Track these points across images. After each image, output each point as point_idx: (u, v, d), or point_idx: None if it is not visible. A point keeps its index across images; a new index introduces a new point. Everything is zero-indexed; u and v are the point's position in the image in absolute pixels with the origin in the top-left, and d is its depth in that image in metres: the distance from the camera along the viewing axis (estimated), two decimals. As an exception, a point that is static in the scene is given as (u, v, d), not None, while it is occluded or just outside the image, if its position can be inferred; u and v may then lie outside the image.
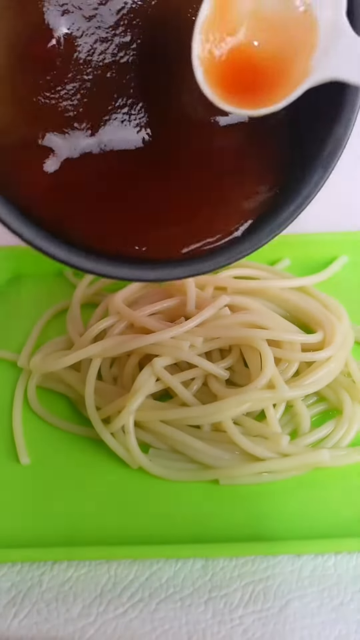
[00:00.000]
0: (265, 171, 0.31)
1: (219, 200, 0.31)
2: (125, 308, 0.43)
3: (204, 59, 0.27)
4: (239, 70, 0.27)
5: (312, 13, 0.26)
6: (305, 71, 0.26)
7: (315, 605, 0.32)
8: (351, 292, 0.49)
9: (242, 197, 0.31)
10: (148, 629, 0.32)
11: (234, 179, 0.31)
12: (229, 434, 0.37)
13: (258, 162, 0.31)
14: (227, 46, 0.27)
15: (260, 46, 0.27)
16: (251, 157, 0.31)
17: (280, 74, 0.27)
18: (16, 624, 0.32)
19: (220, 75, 0.27)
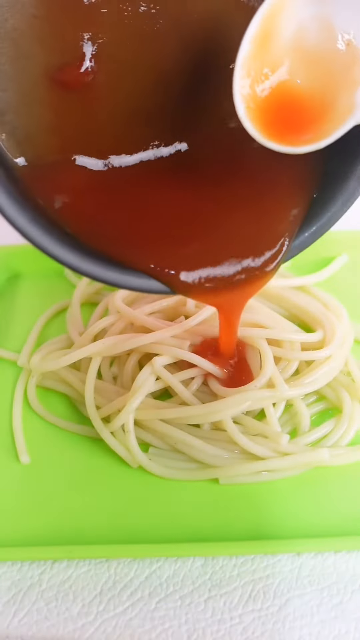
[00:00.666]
0: (298, 187, 0.31)
1: (257, 221, 0.30)
2: (125, 307, 0.43)
3: (246, 95, 0.26)
4: (281, 106, 0.27)
5: (356, 47, 0.26)
6: (349, 108, 0.25)
7: (314, 604, 0.32)
8: (351, 291, 0.49)
9: (277, 215, 0.30)
10: (148, 628, 0.32)
11: (269, 196, 0.31)
12: (229, 432, 0.37)
13: (290, 178, 0.31)
14: (269, 82, 0.26)
15: (302, 83, 0.27)
16: (283, 174, 0.31)
17: (323, 111, 0.26)
18: (16, 623, 0.32)
19: (262, 111, 0.27)
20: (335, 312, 0.45)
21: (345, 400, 0.40)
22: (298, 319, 0.46)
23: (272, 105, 0.27)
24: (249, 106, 0.26)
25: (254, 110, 0.26)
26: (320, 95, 0.26)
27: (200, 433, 0.39)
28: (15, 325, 0.49)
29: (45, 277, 0.53)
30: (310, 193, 0.31)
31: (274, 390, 0.38)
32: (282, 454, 0.37)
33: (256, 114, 0.27)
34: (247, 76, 0.26)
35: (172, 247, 0.29)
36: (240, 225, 0.30)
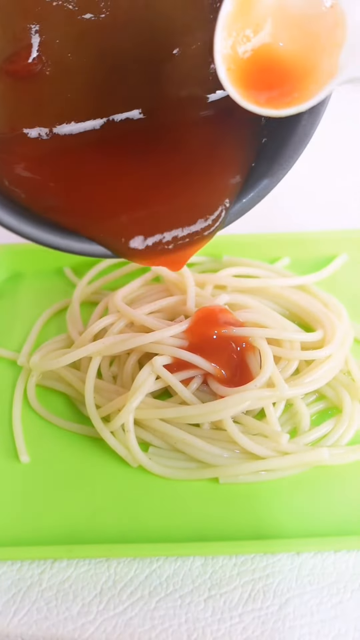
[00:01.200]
0: (240, 150, 0.32)
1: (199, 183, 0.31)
2: (125, 306, 0.43)
3: (227, 56, 0.26)
4: (263, 69, 0.27)
5: (340, 8, 0.25)
6: (331, 71, 0.25)
7: (314, 603, 0.32)
8: (351, 290, 0.49)
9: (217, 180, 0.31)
10: (148, 627, 0.32)
11: (212, 164, 0.32)
12: (229, 432, 0.37)
13: (232, 148, 0.32)
14: (251, 45, 0.26)
15: (285, 45, 0.26)
16: (226, 143, 0.32)
17: (305, 73, 0.26)
18: (16, 622, 0.32)
19: (243, 73, 0.26)
20: (335, 311, 0.45)
21: (345, 400, 0.40)
22: (298, 318, 0.46)
23: (254, 68, 0.27)
24: (230, 67, 0.26)
25: (234, 72, 0.26)
26: (302, 58, 0.26)
27: (200, 432, 0.39)
28: (15, 325, 0.49)
29: (45, 277, 0.52)
30: (249, 162, 0.32)
31: (274, 390, 0.37)
32: (282, 453, 0.37)
33: (237, 75, 0.26)
34: (229, 37, 0.26)
35: (117, 213, 0.30)
36: (182, 192, 0.31)
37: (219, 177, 0.31)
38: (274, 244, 0.53)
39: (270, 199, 0.53)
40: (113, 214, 0.30)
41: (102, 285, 0.50)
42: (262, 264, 0.50)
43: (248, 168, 0.31)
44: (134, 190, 0.31)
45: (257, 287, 0.46)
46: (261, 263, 0.50)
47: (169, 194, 0.31)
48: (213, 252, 0.52)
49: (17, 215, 0.29)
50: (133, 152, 0.32)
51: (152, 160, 0.32)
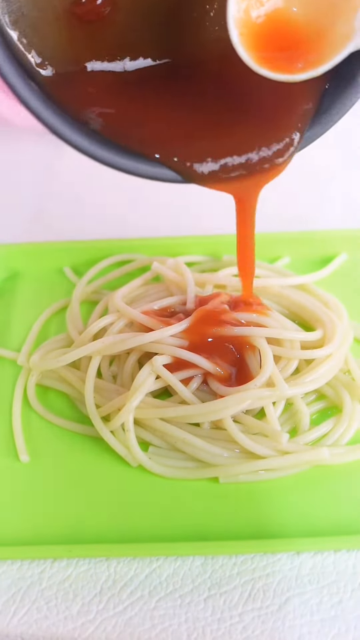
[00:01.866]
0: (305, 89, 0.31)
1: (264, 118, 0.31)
2: (124, 306, 0.43)
3: (240, 20, 0.25)
4: (276, 34, 0.26)
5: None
6: (348, 34, 0.25)
7: (314, 602, 0.32)
8: (351, 289, 0.49)
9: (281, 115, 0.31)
10: (148, 627, 0.32)
11: (281, 92, 0.31)
12: (229, 431, 0.37)
13: None
14: (264, 9, 0.26)
15: (298, 10, 0.26)
16: None
17: (319, 38, 0.26)
18: (16, 622, 0.32)
19: (256, 37, 0.26)
20: (335, 310, 0.45)
21: (345, 399, 0.40)
22: (298, 318, 0.46)
23: (267, 33, 0.26)
24: (243, 32, 0.26)
25: (247, 36, 0.26)
26: (316, 22, 0.26)
27: (200, 432, 0.39)
28: (14, 324, 0.49)
29: (44, 276, 0.52)
30: (321, 86, 0.31)
31: (273, 389, 0.37)
32: (282, 452, 0.37)
33: (250, 40, 0.26)
34: (242, 0, 0.26)
35: (189, 140, 0.31)
36: (254, 120, 0.31)
37: (289, 103, 0.31)
38: (274, 243, 0.53)
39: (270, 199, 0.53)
40: (182, 137, 0.31)
41: (102, 285, 0.50)
42: (262, 263, 0.50)
43: (320, 92, 0.31)
44: (202, 119, 0.31)
45: (257, 286, 0.46)
46: (261, 262, 0.50)
47: (238, 122, 0.31)
48: (213, 252, 0.52)
49: (91, 140, 0.30)
50: (199, 90, 0.32)
51: (219, 96, 0.32)
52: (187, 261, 0.50)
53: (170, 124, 0.31)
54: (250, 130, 0.31)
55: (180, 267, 0.47)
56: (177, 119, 0.32)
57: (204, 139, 0.31)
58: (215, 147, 0.31)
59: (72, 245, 0.53)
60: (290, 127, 0.31)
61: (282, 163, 0.31)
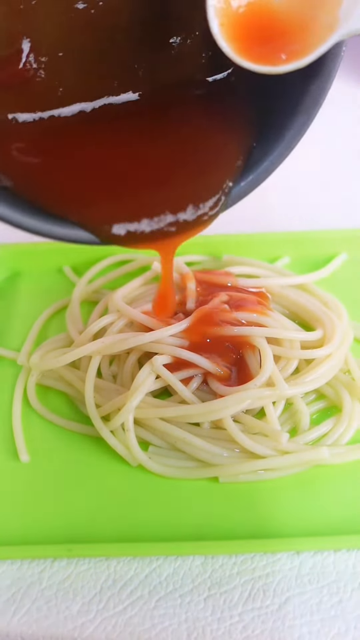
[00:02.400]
0: (242, 129, 0.31)
1: (197, 170, 0.30)
2: (124, 305, 0.43)
3: (220, 10, 0.24)
4: (259, 24, 0.25)
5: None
6: (331, 24, 0.24)
7: (314, 602, 0.32)
8: (351, 289, 0.49)
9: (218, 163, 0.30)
10: (147, 626, 0.32)
11: (209, 149, 0.31)
12: (229, 431, 0.37)
13: (230, 130, 0.31)
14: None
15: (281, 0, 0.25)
16: (223, 125, 0.31)
17: (303, 28, 0.24)
18: (16, 621, 0.32)
19: (237, 28, 0.25)
20: (335, 310, 0.45)
21: (345, 399, 0.40)
22: (298, 318, 0.46)
23: (249, 23, 0.25)
24: (223, 22, 0.25)
25: (228, 27, 0.25)
26: (299, 12, 0.25)
27: (200, 432, 0.39)
28: (14, 324, 0.49)
29: (44, 276, 0.52)
30: (249, 143, 0.31)
31: (273, 389, 0.37)
32: (282, 452, 0.37)
33: (231, 31, 0.25)
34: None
35: (105, 198, 0.30)
36: (179, 178, 0.30)
37: (216, 162, 0.30)
38: (274, 243, 0.53)
39: (270, 198, 0.53)
40: (100, 198, 0.29)
41: (102, 285, 0.50)
42: (262, 263, 0.50)
43: (249, 149, 0.30)
44: (125, 174, 0.30)
45: (257, 286, 0.46)
46: (261, 262, 0.50)
47: (162, 179, 0.30)
48: (213, 252, 0.52)
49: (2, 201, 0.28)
50: (127, 135, 0.31)
51: (146, 144, 0.31)
52: (187, 261, 0.50)
53: (92, 179, 0.30)
54: (179, 187, 0.30)
55: (181, 266, 0.47)
56: (99, 172, 0.30)
57: (130, 198, 0.30)
58: (141, 207, 0.29)
59: (72, 245, 0.53)
60: (220, 184, 0.30)
61: (207, 220, 0.30)
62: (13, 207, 0.28)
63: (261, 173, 0.30)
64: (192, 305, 0.43)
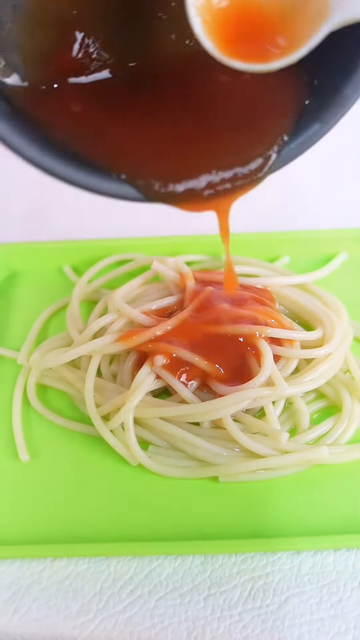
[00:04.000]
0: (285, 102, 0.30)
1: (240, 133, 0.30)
2: (124, 305, 0.43)
3: (201, 7, 0.23)
4: (244, 18, 0.24)
5: None
6: (321, 12, 0.22)
7: (314, 601, 0.32)
8: (350, 289, 0.49)
9: None
10: (147, 626, 0.32)
11: (257, 107, 0.30)
12: (229, 431, 0.37)
13: (278, 89, 0.30)
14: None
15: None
16: (271, 86, 0.30)
17: (292, 20, 0.23)
18: (16, 621, 0.32)
19: (222, 26, 0.24)
20: (335, 310, 0.45)
21: (345, 398, 0.40)
22: (298, 317, 0.46)
23: (233, 19, 0.24)
24: (206, 20, 0.23)
25: (211, 25, 0.24)
26: (285, 2, 0.23)
27: (200, 431, 0.39)
28: (14, 324, 0.49)
29: (44, 276, 0.53)
30: (300, 102, 0.30)
31: (273, 389, 0.37)
32: (282, 452, 0.37)
33: (215, 29, 0.24)
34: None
35: (158, 160, 0.29)
36: (227, 135, 0.30)
37: (265, 120, 0.30)
38: (274, 242, 0.53)
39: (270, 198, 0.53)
40: (156, 154, 0.29)
41: (102, 284, 0.50)
42: (262, 262, 0.50)
43: (300, 108, 0.30)
44: (179, 131, 0.30)
45: (256, 285, 0.46)
46: (261, 262, 0.50)
47: (211, 138, 0.30)
48: (213, 251, 0.52)
49: (47, 153, 0.28)
50: (169, 101, 0.31)
51: (197, 101, 0.31)
52: (187, 260, 0.50)
53: (148, 138, 0.30)
54: (229, 144, 0.30)
55: (180, 266, 0.47)
56: (146, 132, 0.30)
57: (183, 157, 0.30)
58: (193, 165, 0.29)
59: (72, 245, 0.53)
60: (272, 141, 0.29)
61: (259, 178, 0.30)
62: (63, 161, 0.28)
63: (313, 134, 0.29)
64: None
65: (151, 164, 0.29)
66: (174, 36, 0.31)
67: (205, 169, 0.29)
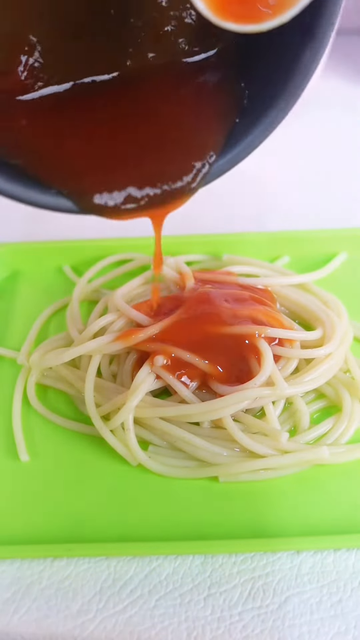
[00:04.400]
0: (225, 106, 0.31)
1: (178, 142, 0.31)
2: (124, 305, 0.43)
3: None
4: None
5: None
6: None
7: (314, 601, 0.32)
8: (351, 289, 0.49)
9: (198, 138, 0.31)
10: (147, 626, 0.32)
11: (190, 124, 0.31)
12: (229, 430, 0.37)
13: (212, 107, 0.31)
14: None
15: None
16: (205, 102, 0.31)
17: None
18: (16, 621, 0.32)
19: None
20: (335, 309, 0.45)
21: (345, 398, 0.40)
22: (298, 317, 0.46)
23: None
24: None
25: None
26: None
27: (200, 431, 0.39)
28: (14, 324, 0.49)
29: (44, 275, 0.52)
30: (231, 121, 0.31)
31: (273, 389, 0.37)
32: (282, 451, 0.37)
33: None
34: None
35: (95, 170, 0.30)
36: (159, 151, 0.31)
37: (196, 136, 0.31)
38: (274, 242, 0.53)
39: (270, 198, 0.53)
40: (87, 168, 0.30)
41: (102, 284, 0.50)
42: (262, 262, 0.50)
43: (229, 127, 0.31)
44: (111, 146, 0.31)
45: (256, 285, 0.46)
46: (261, 262, 0.50)
47: (146, 151, 0.31)
48: (213, 251, 0.52)
49: None
50: (112, 110, 0.32)
51: (131, 118, 0.32)
52: (187, 260, 0.50)
53: (81, 153, 0.30)
54: (162, 159, 0.31)
55: (180, 266, 0.47)
56: (83, 146, 0.31)
57: (116, 170, 0.30)
58: (128, 178, 0.30)
59: (72, 245, 0.53)
60: (202, 157, 0.30)
61: (185, 196, 0.31)
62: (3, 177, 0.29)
63: (242, 150, 0.30)
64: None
65: (85, 177, 0.30)
66: (115, 52, 0.32)
67: (134, 182, 0.30)
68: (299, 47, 0.27)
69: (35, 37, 0.30)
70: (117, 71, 0.32)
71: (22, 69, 0.30)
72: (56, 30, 0.30)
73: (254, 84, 0.30)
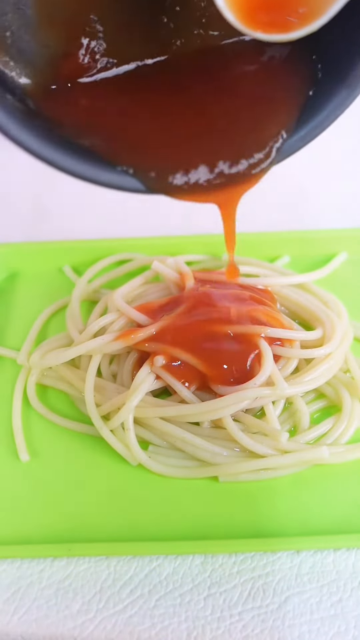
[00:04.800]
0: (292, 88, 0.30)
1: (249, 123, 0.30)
2: (124, 305, 0.43)
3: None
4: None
5: None
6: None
7: (314, 601, 0.32)
8: (351, 289, 0.49)
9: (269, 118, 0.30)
10: (147, 625, 0.32)
11: (259, 102, 0.31)
12: (229, 430, 0.37)
13: (281, 85, 0.31)
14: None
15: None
16: (274, 81, 0.31)
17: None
18: (16, 621, 0.32)
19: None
20: (335, 309, 0.45)
21: (344, 398, 0.40)
22: (298, 317, 0.46)
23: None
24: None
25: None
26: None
27: (199, 431, 0.39)
28: (14, 324, 0.49)
29: (44, 275, 0.53)
30: (301, 99, 0.30)
31: (273, 388, 0.37)
32: (281, 451, 0.37)
33: (236, 1, 0.24)
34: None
35: (164, 150, 0.30)
36: (229, 130, 0.30)
37: (266, 114, 0.30)
38: (274, 242, 0.53)
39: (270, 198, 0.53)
40: (157, 147, 0.30)
41: (102, 284, 0.50)
42: (262, 262, 0.50)
43: (300, 105, 0.30)
44: (181, 126, 0.31)
45: (256, 285, 0.46)
46: (261, 261, 0.50)
47: (214, 130, 0.30)
48: (213, 251, 0.52)
49: (57, 148, 0.29)
50: (173, 94, 0.31)
51: (199, 97, 0.31)
52: (187, 260, 0.50)
53: (145, 131, 0.30)
54: (233, 138, 0.30)
55: (180, 266, 0.47)
56: (158, 128, 0.30)
57: (188, 148, 0.30)
58: (200, 156, 0.30)
59: (72, 245, 0.53)
60: (274, 135, 0.30)
61: (259, 173, 0.30)
62: (68, 154, 0.29)
63: (316, 126, 0.30)
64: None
65: (154, 155, 0.30)
66: (179, 31, 0.31)
67: (205, 159, 0.29)
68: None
69: (96, 18, 0.30)
70: (180, 51, 0.32)
71: (84, 52, 0.30)
72: (116, 12, 0.30)
73: (326, 57, 0.29)
